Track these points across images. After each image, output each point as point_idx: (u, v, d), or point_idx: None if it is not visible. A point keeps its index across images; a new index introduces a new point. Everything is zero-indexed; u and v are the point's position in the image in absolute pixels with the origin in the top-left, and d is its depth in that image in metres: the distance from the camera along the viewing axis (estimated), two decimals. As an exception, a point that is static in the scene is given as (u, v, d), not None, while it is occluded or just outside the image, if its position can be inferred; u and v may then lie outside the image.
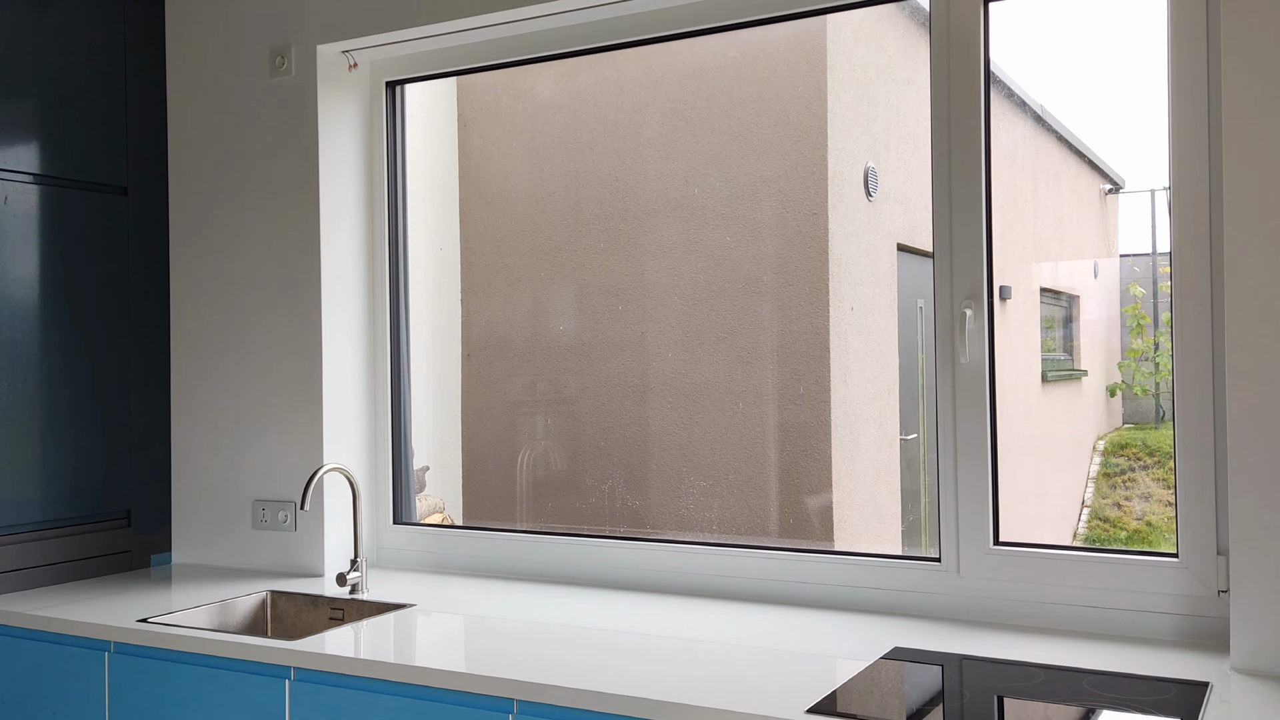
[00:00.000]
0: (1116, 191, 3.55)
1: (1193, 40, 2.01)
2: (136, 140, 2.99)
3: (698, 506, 3.50)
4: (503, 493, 3.80)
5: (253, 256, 2.91)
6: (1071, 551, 2.16)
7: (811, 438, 3.52)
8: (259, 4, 2.90)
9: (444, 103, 3.88)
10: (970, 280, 2.23)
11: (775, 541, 3.52)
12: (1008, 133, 3.24)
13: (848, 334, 3.63)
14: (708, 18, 2.51)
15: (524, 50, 2.73)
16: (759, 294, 3.50)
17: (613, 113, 3.71)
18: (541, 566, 2.72)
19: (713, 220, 3.53)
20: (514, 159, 3.88)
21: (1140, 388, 3.46)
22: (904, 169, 3.84)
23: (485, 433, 3.87)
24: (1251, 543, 1.84)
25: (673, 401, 3.56)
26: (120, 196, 2.96)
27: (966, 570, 2.23)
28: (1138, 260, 3.35)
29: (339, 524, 2.85)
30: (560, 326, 3.72)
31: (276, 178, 2.87)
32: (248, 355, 2.92)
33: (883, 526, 3.83)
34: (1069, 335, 3.74)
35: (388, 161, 2.96)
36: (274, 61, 2.87)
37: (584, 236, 3.72)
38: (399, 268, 2.98)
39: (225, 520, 2.95)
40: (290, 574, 2.82)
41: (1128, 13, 2.29)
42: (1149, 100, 2.15)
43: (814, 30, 3.52)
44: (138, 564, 2.97)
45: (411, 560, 2.89)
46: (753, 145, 3.56)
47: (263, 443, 2.89)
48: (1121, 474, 3.75)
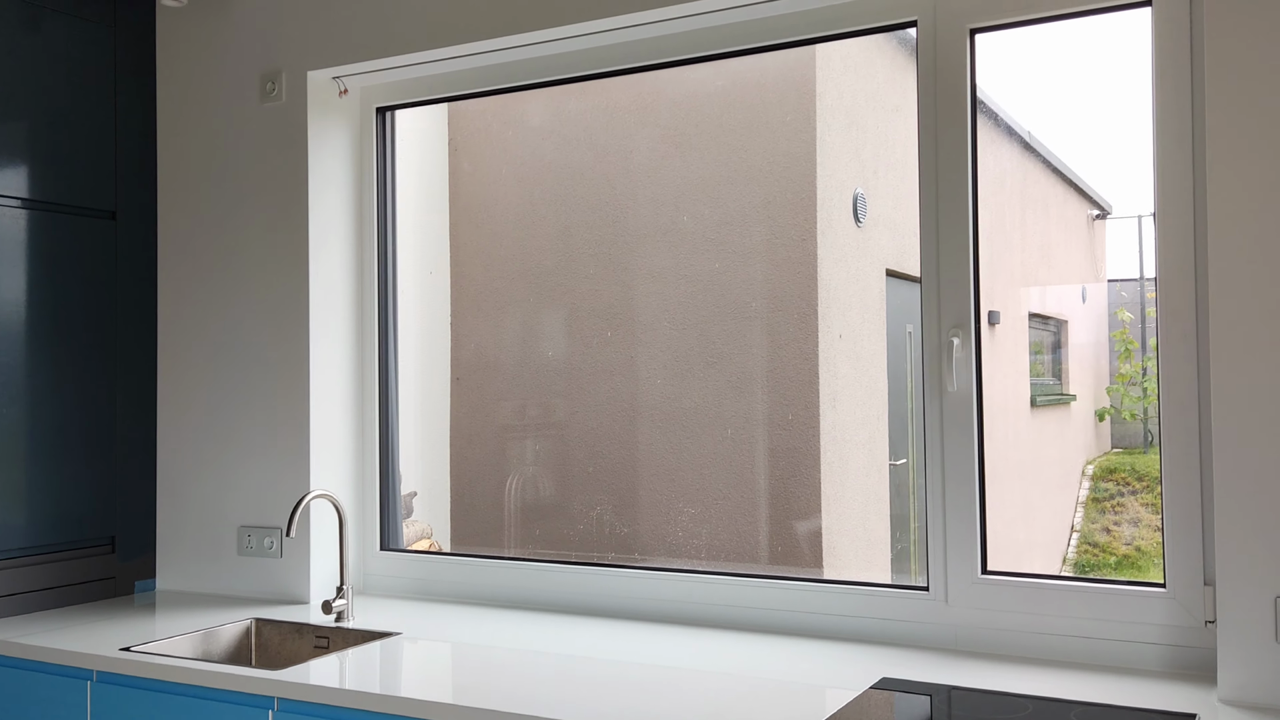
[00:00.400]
0: (1104, 217, 3.57)
1: (1177, 69, 2.03)
2: (125, 164, 2.99)
3: (687, 533, 3.49)
4: (491, 518, 3.78)
5: (241, 282, 2.91)
6: (1059, 581, 2.16)
7: (800, 463, 3.52)
8: (250, 30, 2.91)
9: (435, 127, 3.89)
10: (957, 308, 2.23)
11: (764, 569, 3.51)
12: (995, 159, 3.26)
13: (837, 359, 3.63)
14: (696, 47, 2.53)
15: (514, 77, 2.74)
16: (748, 319, 3.51)
17: (603, 138, 3.72)
18: (529, 594, 2.70)
19: (702, 245, 3.54)
20: (504, 183, 3.89)
21: (1128, 412, 3.47)
22: (893, 195, 3.86)
23: (474, 457, 3.86)
24: (1238, 574, 1.84)
25: (662, 426, 3.55)
26: (108, 221, 2.95)
27: (954, 599, 2.22)
28: (1125, 286, 3.36)
29: (325, 551, 2.83)
30: (549, 350, 3.72)
31: (266, 203, 2.87)
32: (234, 381, 2.91)
33: (872, 552, 3.82)
34: (1057, 360, 3.75)
35: (377, 187, 2.96)
36: (264, 87, 2.87)
37: (573, 261, 3.73)
38: (388, 293, 2.98)
39: (210, 547, 2.93)
40: (276, 601, 2.80)
41: (1113, 42, 2.31)
42: (1135, 127, 2.17)
43: (803, 58, 3.54)
44: (122, 590, 2.95)
45: (398, 587, 2.88)
46: (742, 171, 3.57)
47: (249, 468, 2.88)
48: (1110, 499, 3.75)
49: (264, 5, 2.89)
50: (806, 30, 2.40)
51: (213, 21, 2.96)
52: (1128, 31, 2.17)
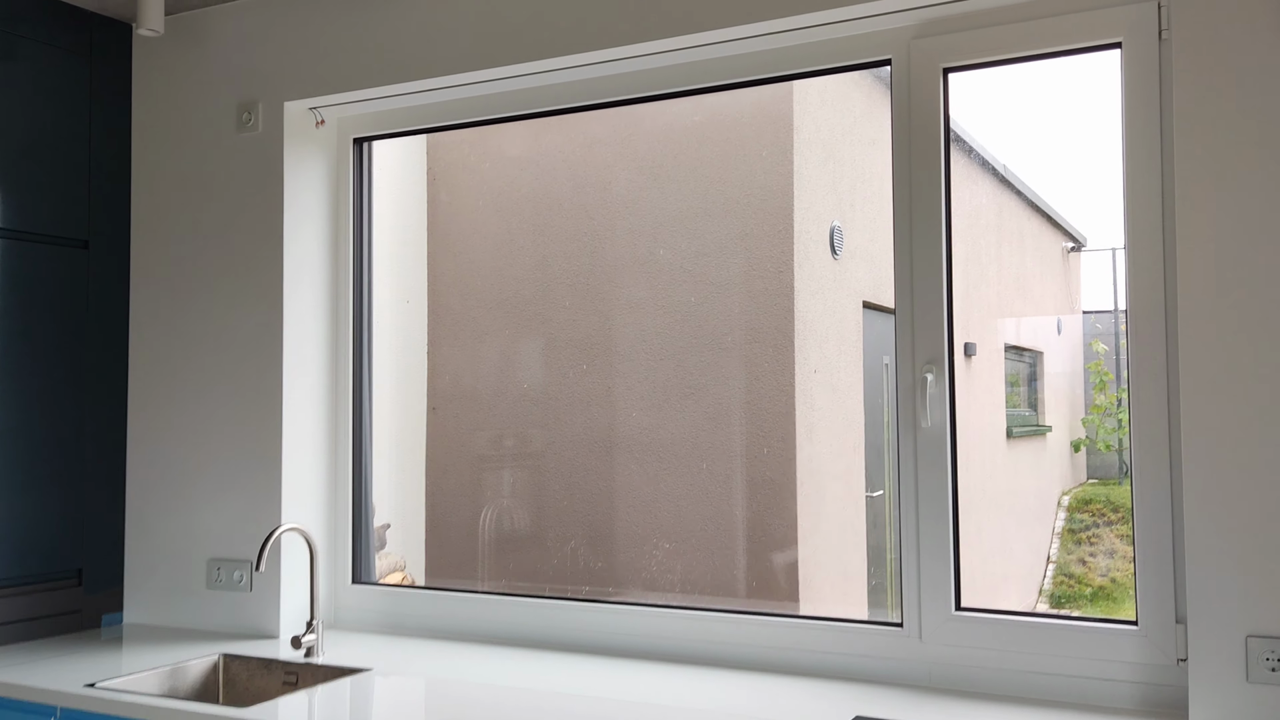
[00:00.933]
0: (1079, 250, 3.60)
1: (1146, 109, 2.05)
2: (99, 193, 2.97)
3: (661, 567, 3.48)
4: (466, 550, 3.75)
5: (214, 312, 2.89)
6: (1032, 618, 2.16)
7: (777, 495, 3.51)
8: (227, 60, 2.90)
9: (413, 156, 3.89)
10: (931, 344, 2.24)
11: (740, 604, 3.49)
12: (972, 193, 3.28)
13: (814, 391, 3.63)
14: (674, 82, 2.54)
15: (492, 110, 2.75)
16: (725, 351, 3.51)
17: (581, 170, 3.73)
18: (503, 628, 2.68)
19: (680, 277, 3.54)
20: (482, 214, 3.89)
21: (1104, 443, 3.48)
22: (869, 228, 3.88)
23: (449, 488, 3.83)
24: (1208, 612, 1.84)
25: (639, 457, 3.54)
26: (81, 250, 2.93)
27: (929, 636, 2.21)
28: (1100, 317, 3.39)
29: (296, 584, 2.80)
30: (526, 381, 3.70)
31: (240, 233, 2.86)
32: (206, 412, 2.88)
33: (848, 585, 3.81)
34: (1033, 391, 3.77)
35: (354, 218, 2.95)
36: (241, 117, 2.86)
37: (551, 291, 3.72)
38: (363, 324, 2.96)
39: (179, 580, 2.89)
40: (245, 636, 2.77)
41: (1086, 79, 2.33)
42: (1109, 161, 2.19)
43: (780, 93, 3.56)
44: (88, 624, 2.90)
45: (370, 621, 2.84)
46: (720, 203, 3.58)
47: (219, 500, 2.84)
48: (1086, 530, 3.76)
49: (241, 35, 2.89)
50: (783, 67, 2.42)
51: (189, 51, 2.96)
52: (1099, 70, 2.20)
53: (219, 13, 2.92)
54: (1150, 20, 2.04)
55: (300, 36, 2.81)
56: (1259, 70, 1.85)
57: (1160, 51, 2.04)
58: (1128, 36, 2.06)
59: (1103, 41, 2.10)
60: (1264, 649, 1.80)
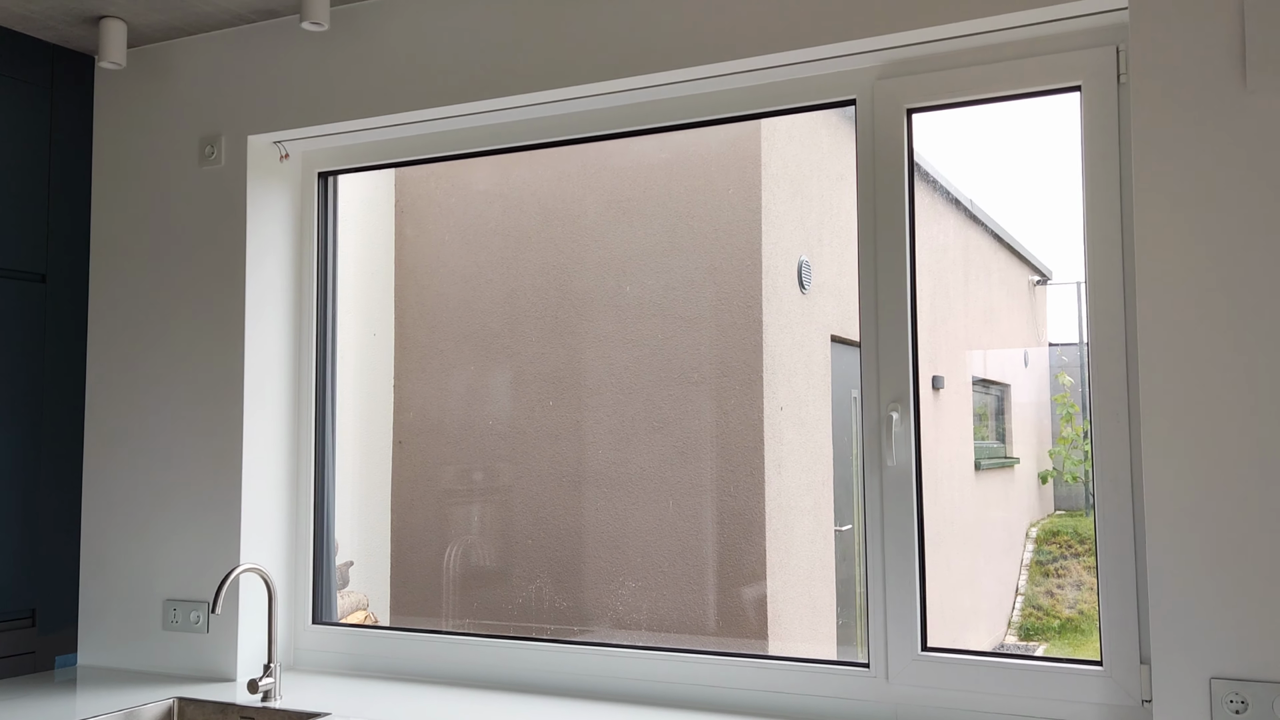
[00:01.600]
0: (1044, 283, 3.63)
1: (1105, 150, 2.07)
2: (58, 227, 2.93)
3: (627, 607, 3.45)
4: (432, 588, 3.71)
5: (174, 348, 2.85)
6: (998, 659, 2.15)
7: (746, 529, 3.50)
8: (190, 93, 2.88)
9: (382, 190, 3.87)
10: (897, 381, 2.24)
11: (708, 642, 3.46)
12: (940, 228, 3.31)
13: (782, 425, 3.63)
14: (641, 119, 2.54)
15: (459, 145, 2.74)
16: (694, 385, 3.50)
17: (550, 203, 3.73)
18: (468, 669, 2.64)
19: (649, 311, 3.54)
20: (450, 246, 3.87)
21: (1070, 475, 3.50)
22: (837, 262, 3.90)
23: (415, 524, 3.79)
24: (1172, 653, 1.84)
25: (606, 492, 3.52)
26: (38, 284, 2.88)
27: (895, 677, 2.20)
28: (1065, 349, 3.41)
29: (254, 625, 2.75)
30: (494, 414, 3.68)
31: (202, 268, 2.83)
32: (165, 449, 2.83)
33: (817, 620, 3.79)
34: (1001, 423, 3.78)
35: (318, 252, 2.93)
36: (204, 150, 2.84)
37: (519, 325, 3.71)
38: (327, 360, 2.93)
39: (135, 620, 2.83)
40: (202, 678, 2.71)
41: (1049, 117, 2.36)
42: (1071, 196, 2.21)
43: (748, 129, 3.58)
44: (41, 665, 2.83)
45: (331, 662, 2.79)
46: (688, 238, 3.59)
47: (177, 539, 2.79)
48: (1054, 561, 3.76)
49: (205, 68, 2.87)
50: (749, 106, 2.43)
51: (152, 84, 2.93)
52: (1061, 110, 2.22)
53: (182, 46, 2.90)
54: (1109, 64, 2.07)
55: (264, 70, 2.79)
56: (1215, 113, 1.87)
57: (1119, 94, 2.06)
58: (1087, 80, 2.09)
59: (1062, 85, 2.13)
60: (1228, 691, 1.80)
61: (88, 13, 2.72)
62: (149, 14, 2.74)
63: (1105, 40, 2.08)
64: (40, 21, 2.76)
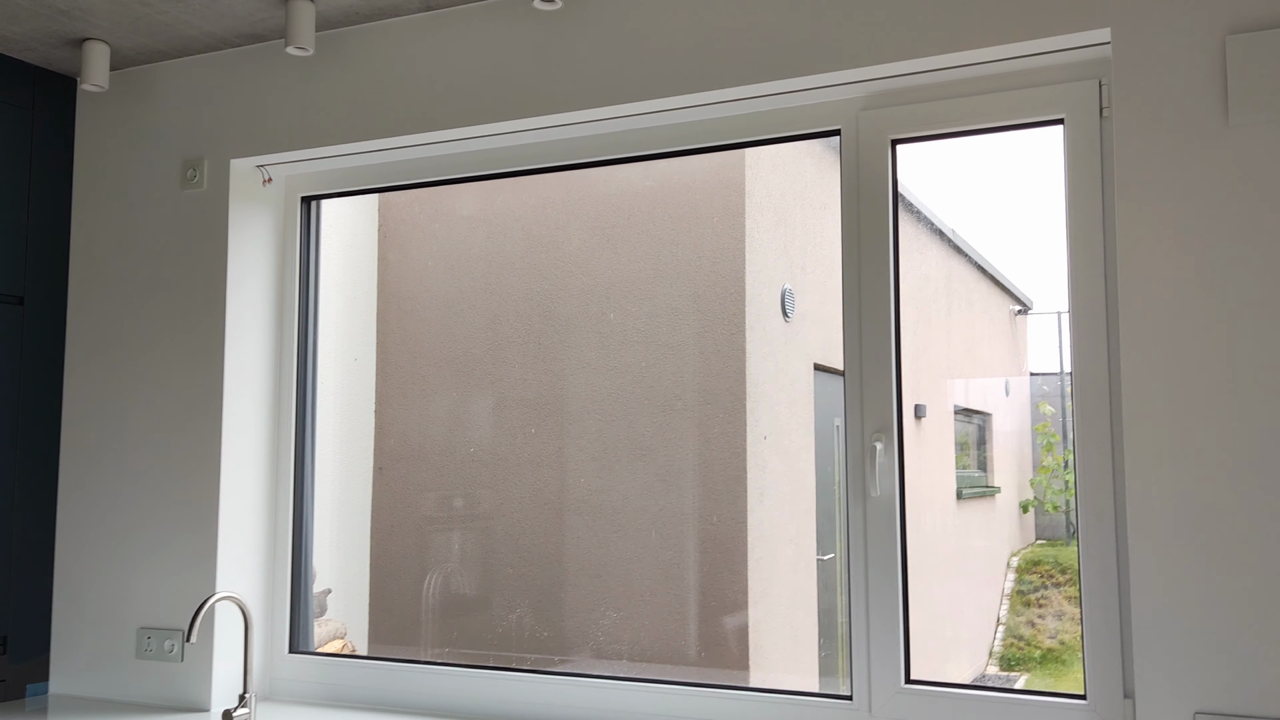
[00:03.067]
0: (1025, 313, 3.64)
1: (1088, 182, 2.09)
2: (36, 248, 2.90)
3: (608, 637, 3.41)
4: (411, 616, 3.66)
5: (152, 372, 2.82)
6: (982, 692, 2.13)
7: (728, 558, 3.48)
8: (173, 116, 2.87)
9: (365, 215, 3.86)
10: (880, 411, 2.24)
11: (689, 672, 3.43)
12: (923, 258, 3.32)
13: (765, 453, 3.62)
14: (625, 147, 2.54)
15: (442, 171, 2.73)
16: (677, 412, 3.49)
17: (533, 230, 3.72)
18: (446, 700, 2.60)
19: (632, 338, 3.53)
20: (433, 272, 3.86)
21: (1051, 504, 3.50)
22: (821, 291, 3.90)
23: (395, 551, 3.75)
24: (1156, 687, 1.83)
25: (588, 520, 3.49)
26: (16, 306, 2.85)
27: (878, 710, 2.18)
28: (1046, 379, 3.42)
29: (229, 654, 2.70)
30: (476, 441, 3.65)
31: (182, 291, 2.80)
32: (141, 475, 2.79)
33: (799, 650, 3.77)
34: (983, 452, 3.78)
35: (300, 277, 2.91)
36: (186, 174, 2.82)
37: (502, 350, 3.69)
38: (307, 385, 2.90)
39: (108, 649, 2.78)
40: (175, 709, 2.66)
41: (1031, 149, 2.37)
42: (1053, 227, 2.22)
43: (732, 158, 3.59)
44: (11, 694, 2.77)
45: (308, 692, 2.75)
46: (672, 266, 3.59)
47: (151, 566, 2.75)
48: (1035, 591, 3.76)
49: (188, 92, 2.86)
50: (733, 135, 2.44)
51: (135, 107, 2.92)
52: (1044, 142, 2.24)
53: (165, 69, 2.89)
54: (1091, 98, 2.09)
55: (248, 94, 2.78)
56: (1198, 147, 1.89)
57: (1102, 127, 2.08)
58: (1070, 113, 2.10)
59: (1045, 118, 2.14)
60: (1211, 725, 1.79)
61: (71, 35, 2.70)
62: (132, 37, 2.73)
63: (1088, 74, 2.10)
64: (22, 43, 2.75)
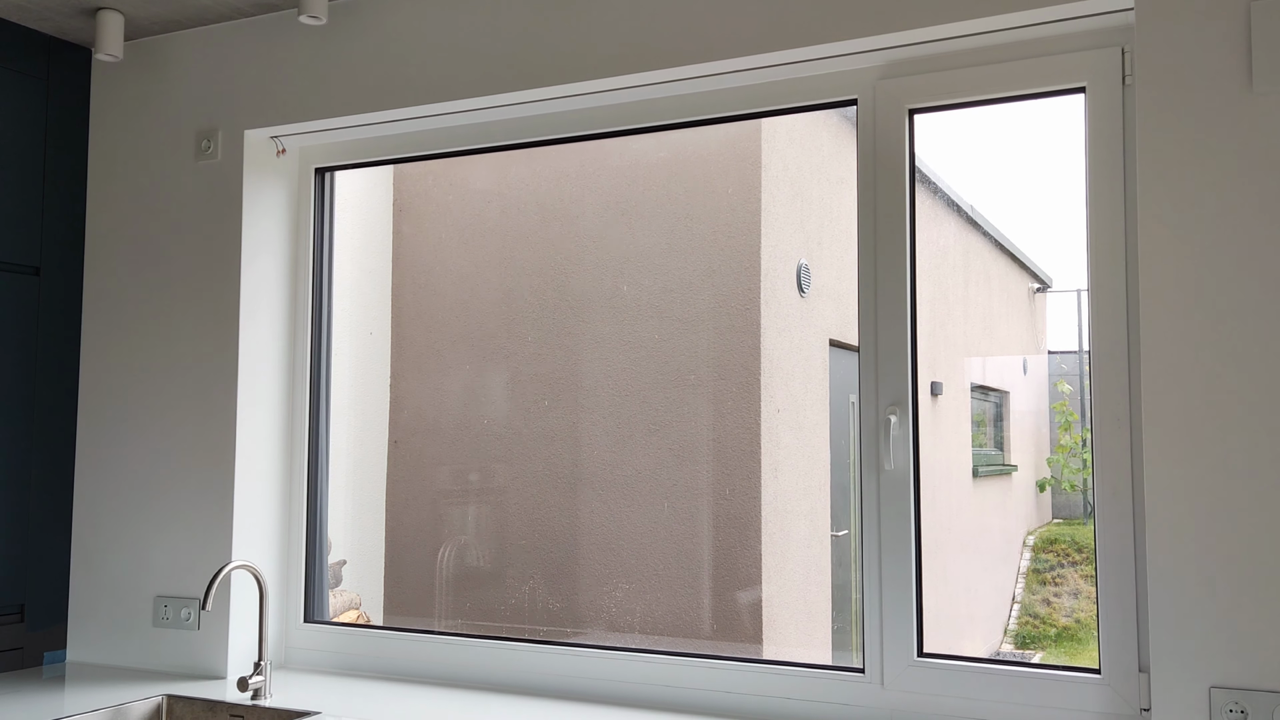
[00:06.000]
0: (1044, 290, 3.61)
1: (1109, 153, 2.05)
2: (52, 220, 2.91)
3: (620, 609, 3.42)
4: (425, 587, 3.68)
5: (168, 343, 2.82)
6: (995, 665, 2.12)
7: (742, 533, 3.47)
8: (187, 86, 2.86)
9: (380, 188, 3.85)
10: (895, 385, 2.22)
11: (702, 645, 3.44)
12: (939, 233, 3.29)
13: (779, 429, 3.61)
14: (640, 118, 2.52)
15: (456, 142, 2.72)
16: (691, 388, 3.48)
17: (549, 203, 3.71)
18: (459, 670, 2.61)
19: (646, 313, 3.52)
20: (448, 246, 3.85)
21: (1068, 483, 3.48)
22: (837, 266, 3.88)
23: (410, 524, 3.76)
24: (1172, 662, 1.82)
25: (602, 494, 3.49)
26: (32, 277, 2.86)
27: (890, 683, 2.17)
28: (1065, 358, 3.39)
29: (245, 622, 2.72)
30: (490, 415, 3.65)
31: (197, 263, 2.80)
32: (157, 444, 2.81)
33: (813, 625, 3.77)
34: (999, 431, 3.76)
35: (314, 249, 2.91)
36: (200, 145, 2.82)
37: (516, 325, 3.68)
38: (321, 356, 2.91)
39: (125, 617, 2.80)
40: (192, 676, 2.68)
41: (1051, 121, 2.34)
42: (1073, 203, 2.19)
43: (748, 130, 3.56)
44: (30, 662, 2.80)
45: (322, 661, 2.77)
46: (687, 240, 3.57)
47: (168, 535, 2.77)
48: (1051, 570, 3.74)
49: (202, 62, 2.85)
50: (749, 105, 2.41)
51: (149, 77, 2.91)
52: (1064, 112, 2.20)
53: (180, 39, 2.88)
54: (1114, 65, 2.05)
55: (262, 64, 2.77)
56: (1222, 115, 1.86)
57: (1124, 96, 2.04)
58: (1091, 81, 2.07)
59: (1066, 86, 2.11)
60: (1228, 700, 1.78)
61: (85, 4, 2.70)
62: (147, 6, 2.72)
63: (1110, 41, 2.06)
64: (37, 13, 2.74)
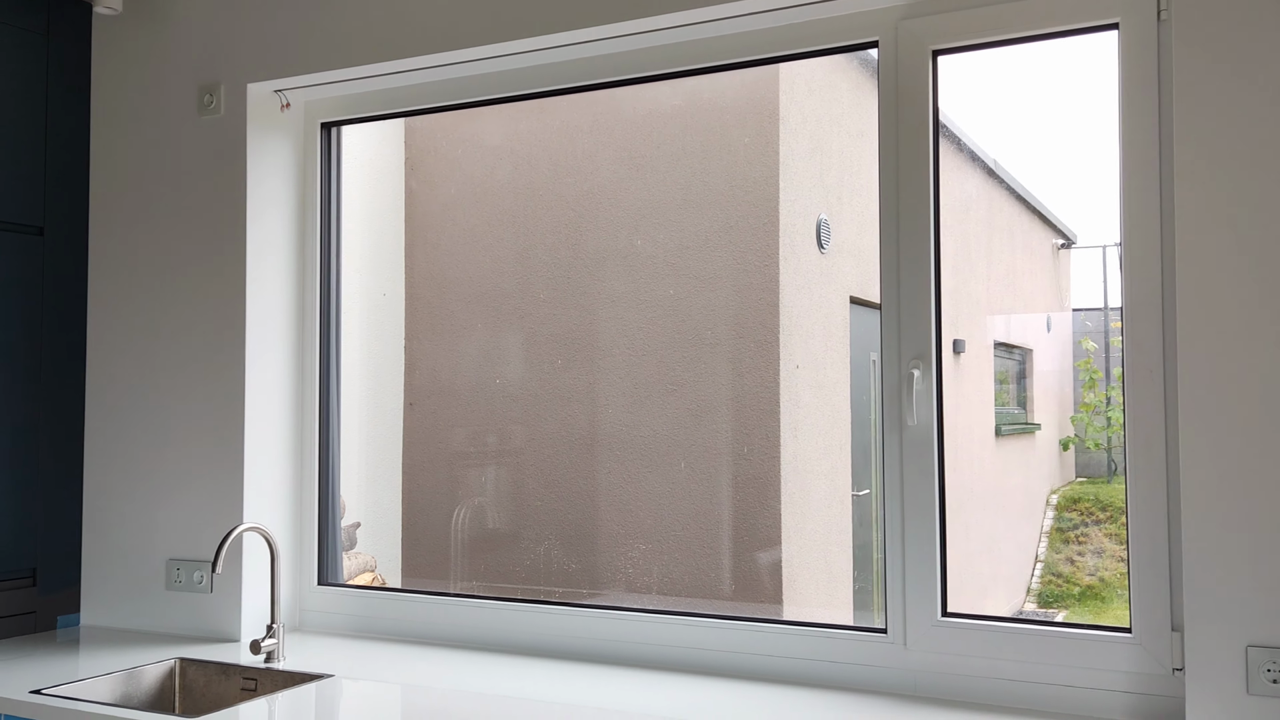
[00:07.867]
0: (1068, 247, 3.53)
1: (1143, 93, 1.96)
2: (56, 178, 2.86)
3: (638, 570, 3.38)
4: (442, 549, 3.66)
5: (174, 302, 2.78)
6: (1021, 625, 2.07)
7: (761, 493, 3.42)
8: (189, 40, 2.79)
9: (391, 143, 3.78)
10: (918, 340, 2.15)
11: (722, 606, 3.40)
12: (961, 186, 3.20)
13: (798, 387, 3.54)
14: (653, 65, 2.44)
15: (466, 93, 2.65)
16: (709, 346, 3.42)
17: (560, 159, 3.63)
18: (475, 632, 2.58)
19: (663, 270, 3.45)
20: (460, 203, 3.78)
21: (1093, 442, 3.43)
22: (857, 221, 3.79)
23: (426, 486, 3.73)
24: (1207, 620, 1.76)
25: (619, 455, 3.45)
26: (36, 237, 2.82)
27: (913, 643, 2.12)
28: (1090, 315, 3.33)
29: (257, 585, 2.70)
30: (505, 376, 3.60)
31: (202, 220, 2.75)
32: (166, 406, 2.77)
33: (834, 585, 3.73)
34: (1022, 389, 3.70)
35: (321, 206, 2.85)
36: (202, 99, 2.76)
37: (531, 284, 3.62)
38: (330, 315, 2.86)
39: (137, 580, 2.78)
40: (205, 639, 2.66)
41: (1078, 66, 2.25)
42: (1100, 157, 2.10)
43: (765, 79, 3.47)
44: (43, 625, 2.79)
45: (337, 624, 2.74)
46: (703, 195, 3.49)
47: (179, 498, 2.74)
48: (1074, 529, 3.70)
49: (203, 15, 2.78)
50: (765, 50, 2.33)
51: (150, 31, 2.84)
52: (1093, 55, 2.11)
53: (182, -9, 2.81)
54: (1149, 0, 1.95)
55: (264, 15, 2.70)
56: (1262, 51, 1.76)
57: (1159, 33, 1.95)
58: (1125, 17, 1.97)
59: (1099, 22, 2.01)
60: (1265, 659, 1.72)
61: (82, -45, 2.63)
62: (146, -43, 2.65)
63: (1145, -25, 1.96)
64: (34, -35, 2.68)
